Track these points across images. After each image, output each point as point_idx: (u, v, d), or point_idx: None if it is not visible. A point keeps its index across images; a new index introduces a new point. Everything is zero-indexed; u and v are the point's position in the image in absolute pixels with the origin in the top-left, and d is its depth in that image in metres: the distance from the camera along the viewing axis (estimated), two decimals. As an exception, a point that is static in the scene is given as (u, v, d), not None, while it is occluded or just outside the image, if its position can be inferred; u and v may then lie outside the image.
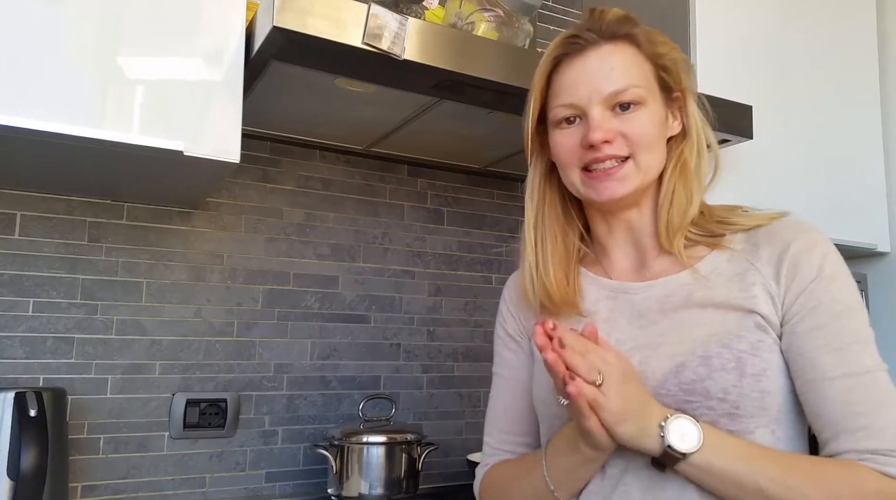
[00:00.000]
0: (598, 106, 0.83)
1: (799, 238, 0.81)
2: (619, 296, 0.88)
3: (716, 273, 0.83)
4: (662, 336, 0.82)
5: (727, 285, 0.81)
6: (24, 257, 1.28)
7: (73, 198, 1.33)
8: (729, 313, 0.80)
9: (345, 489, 1.36)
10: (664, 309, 0.84)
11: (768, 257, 0.81)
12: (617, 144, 0.83)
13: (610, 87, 0.82)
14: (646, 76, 0.85)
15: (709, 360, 0.77)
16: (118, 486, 1.31)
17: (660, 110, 0.85)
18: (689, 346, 0.79)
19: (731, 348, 0.77)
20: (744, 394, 0.76)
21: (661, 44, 0.87)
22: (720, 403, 0.76)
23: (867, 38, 1.86)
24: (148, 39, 1.04)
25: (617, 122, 0.83)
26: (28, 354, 1.27)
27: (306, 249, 1.53)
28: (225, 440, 1.41)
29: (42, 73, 0.96)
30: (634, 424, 0.73)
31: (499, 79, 1.15)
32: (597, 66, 0.84)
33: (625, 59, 0.84)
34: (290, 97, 1.26)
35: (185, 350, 1.39)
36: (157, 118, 1.03)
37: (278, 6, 0.98)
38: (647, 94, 0.84)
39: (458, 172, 1.72)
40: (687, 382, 0.77)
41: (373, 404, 1.48)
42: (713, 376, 0.76)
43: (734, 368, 0.76)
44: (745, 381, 0.76)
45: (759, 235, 0.83)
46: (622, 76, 0.83)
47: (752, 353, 0.77)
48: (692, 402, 0.76)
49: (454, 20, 1.29)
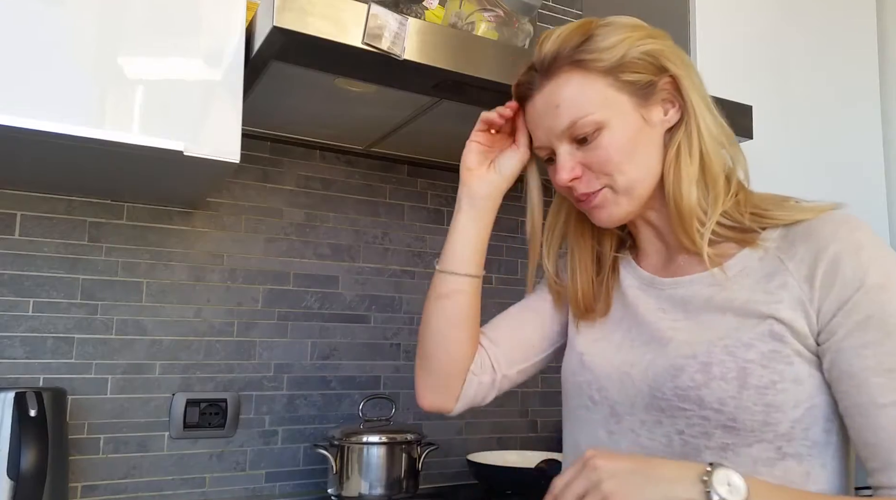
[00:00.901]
0: (559, 144, 0.82)
1: (842, 237, 0.73)
2: (648, 289, 0.87)
3: (744, 274, 0.78)
4: (675, 333, 0.80)
5: (752, 288, 0.76)
6: (24, 257, 1.28)
7: (74, 198, 1.33)
8: (746, 319, 0.75)
9: (345, 489, 1.36)
10: (687, 309, 0.81)
11: (803, 255, 0.74)
12: (586, 178, 0.82)
13: (560, 125, 0.81)
14: (599, 97, 0.79)
15: (709, 367, 0.74)
16: (118, 486, 1.31)
17: (628, 122, 0.80)
18: (693, 348, 0.76)
19: (735, 356, 0.73)
20: (742, 406, 0.71)
21: (611, 49, 0.79)
22: (715, 413, 0.72)
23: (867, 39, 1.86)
24: (148, 39, 1.04)
25: (581, 154, 0.82)
26: (28, 354, 1.27)
27: (306, 249, 1.53)
28: (225, 439, 1.41)
29: (42, 73, 0.96)
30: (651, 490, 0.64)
31: (499, 79, 1.15)
32: (544, 108, 0.83)
33: (568, 91, 0.80)
34: (290, 97, 1.26)
35: (185, 350, 1.39)
36: (157, 118, 1.03)
37: (278, 6, 0.98)
38: (605, 114, 0.79)
39: (458, 172, 1.71)
40: (682, 387, 0.75)
41: (373, 405, 1.48)
42: (710, 385, 0.73)
43: (735, 378, 0.72)
44: (745, 393, 0.71)
45: (798, 231, 0.76)
46: (568, 111, 0.80)
47: (760, 363, 0.72)
48: (686, 409, 0.75)
49: (454, 20, 1.28)
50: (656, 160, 0.82)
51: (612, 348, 0.86)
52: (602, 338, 0.88)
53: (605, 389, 0.84)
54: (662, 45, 0.82)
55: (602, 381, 0.84)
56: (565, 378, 0.91)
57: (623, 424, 0.81)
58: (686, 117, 0.81)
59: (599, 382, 0.84)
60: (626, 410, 0.81)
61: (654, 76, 0.81)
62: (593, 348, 0.88)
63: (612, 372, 0.84)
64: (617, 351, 0.85)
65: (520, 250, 1.77)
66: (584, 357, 0.88)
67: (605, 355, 0.86)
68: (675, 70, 0.81)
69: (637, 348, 0.83)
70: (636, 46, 0.80)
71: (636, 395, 0.80)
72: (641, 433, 0.79)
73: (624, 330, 0.87)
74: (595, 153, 0.80)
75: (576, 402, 0.88)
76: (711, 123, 0.82)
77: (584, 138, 0.80)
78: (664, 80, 0.81)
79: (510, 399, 1.03)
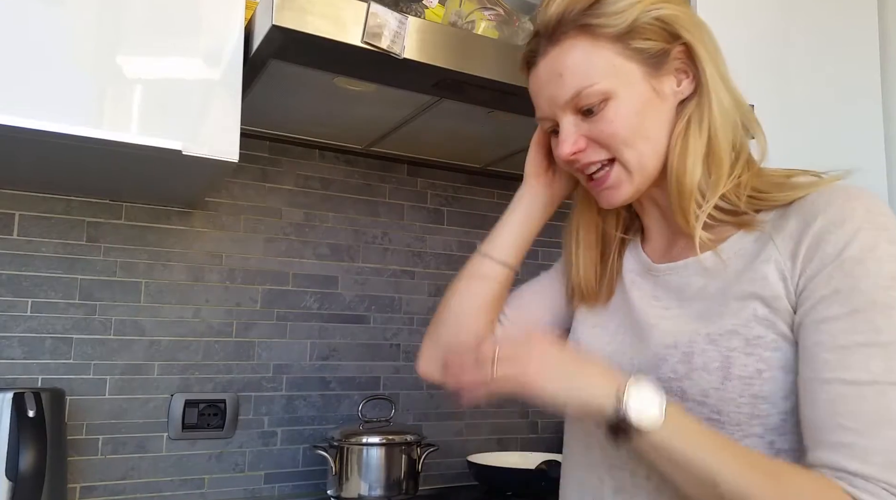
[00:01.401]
0: (563, 114, 0.77)
1: (832, 209, 0.67)
2: (645, 274, 0.84)
3: (738, 256, 0.73)
4: (659, 321, 0.77)
5: (743, 270, 0.71)
6: (22, 257, 1.28)
7: (72, 198, 1.33)
8: (730, 303, 0.70)
9: (344, 491, 1.36)
10: (680, 298, 0.77)
11: (791, 230, 0.69)
12: (590, 149, 0.77)
13: (564, 95, 0.75)
14: (606, 65, 0.74)
15: (691, 357, 0.70)
16: (117, 487, 1.31)
17: (638, 91, 0.75)
18: (675, 338, 0.73)
19: (718, 345, 0.69)
20: (727, 398, 0.68)
21: (619, 14, 0.73)
22: (698, 406, 0.69)
23: (869, 38, 1.86)
24: (147, 39, 1.03)
25: (586, 126, 0.76)
26: (26, 354, 1.26)
27: (305, 249, 1.53)
28: (224, 440, 1.41)
29: (41, 72, 0.96)
30: (568, 383, 0.66)
31: (499, 78, 1.15)
32: (548, 76, 0.77)
33: (573, 59, 0.75)
34: (289, 96, 1.26)
35: (184, 351, 1.39)
36: (156, 118, 1.02)
37: (277, 5, 0.97)
38: (613, 84, 0.74)
39: (458, 171, 1.71)
40: (664, 379, 0.72)
41: (372, 405, 1.48)
42: (692, 376, 0.70)
43: (718, 368, 0.68)
44: (729, 384, 0.68)
45: (794, 207, 0.71)
46: (572, 80, 0.75)
47: (744, 351, 0.68)
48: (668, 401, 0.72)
49: (454, 19, 1.28)
50: (665, 134, 0.77)
51: (607, 337, 0.84)
52: (599, 325, 0.86)
53: None
54: (677, 10, 0.76)
55: None
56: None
57: None
58: (699, 89, 0.76)
59: None
60: None
61: (666, 44, 0.75)
62: (590, 335, 0.86)
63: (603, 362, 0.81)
64: (610, 340, 0.83)
65: (520, 250, 1.76)
66: (580, 345, 0.86)
67: (599, 344, 0.84)
68: (690, 38, 0.75)
69: (626, 338, 0.81)
70: (648, 11, 0.74)
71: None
72: None
73: (620, 318, 0.84)
74: (601, 126, 0.75)
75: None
76: (725, 98, 0.77)
77: (590, 109, 0.75)
78: (677, 49, 0.76)
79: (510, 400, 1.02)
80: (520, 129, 1.39)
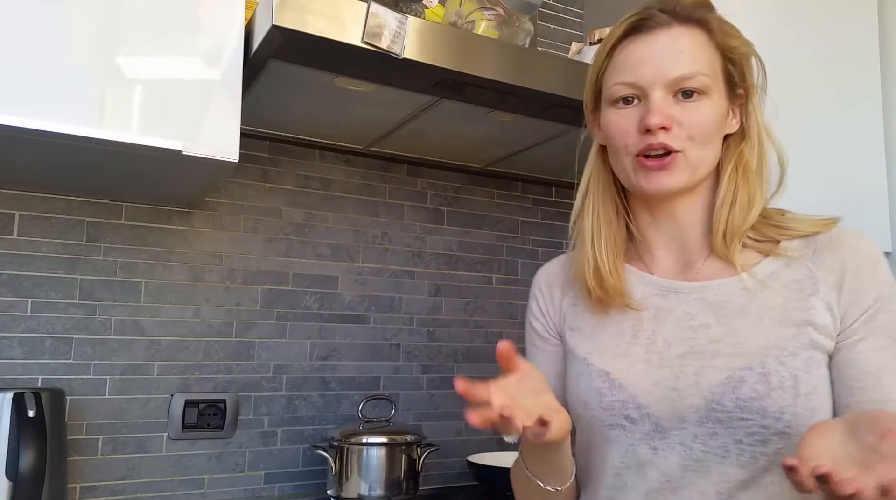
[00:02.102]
0: (660, 89, 0.79)
1: (863, 250, 0.80)
2: (668, 295, 0.84)
3: (773, 278, 0.81)
4: (716, 344, 0.79)
5: (784, 294, 0.79)
6: (22, 257, 1.28)
7: (72, 198, 1.33)
8: (786, 326, 0.78)
9: (344, 491, 1.36)
10: (718, 315, 0.81)
11: (831, 264, 0.79)
12: (674, 132, 0.79)
13: (677, 70, 0.79)
14: (713, 66, 0.81)
15: (768, 377, 0.75)
16: (117, 487, 1.31)
17: (721, 104, 0.82)
18: (747, 360, 0.77)
19: (787, 365, 0.75)
20: (797, 413, 0.74)
21: (734, 36, 0.83)
22: (775, 422, 0.74)
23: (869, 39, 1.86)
24: (147, 39, 1.03)
25: (677, 109, 0.79)
26: (26, 354, 1.26)
27: (305, 249, 1.53)
28: (224, 440, 1.41)
29: (41, 72, 0.95)
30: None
31: (499, 78, 1.15)
32: (666, 47, 0.80)
33: (695, 44, 0.80)
34: (289, 96, 1.26)
35: (184, 351, 1.39)
36: (156, 118, 1.02)
37: (277, 5, 0.97)
38: (712, 84, 0.80)
39: (458, 171, 1.71)
40: (745, 399, 0.75)
41: (372, 405, 1.48)
42: (771, 395, 0.74)
43: (791, 387, 0.75)
44: (799, 400, 0.74)
45: (820, 241, 0.81)
46: (690, 61, 0.79)
47: (805, 370, 0.75)
48: (747, 419, 0.75)
49: (454, 19, 1.28)
50: (719, 152, 0.84)
51: (640, 364, 0.82)
52: (621, 355, 0.84)
53: (646, 406, 0.80)
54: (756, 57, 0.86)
55: (640, 398, 0.81)
56: (587, 402, 0.84)
57: (670, 438, 0.79)
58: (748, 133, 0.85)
59: (637, 400, 0.81)
60: (674, 424, 0.79)
61: (741, 80, 0.84)
62: (619, 364, 0.84)
63: (651, 388, 0.80)
64: (647, 366, 0.82)
65: (520, 250, 1.76)
66: (610, 375, 0.83)
67: (634, 370, 0.82)
68: (754, 84, 0.85)
69: (673, 361, 0.80)
70: (747, 46, 0.84)
71: (687, 409, 0.78)
72: (694, 445, 0.78)
73: (644, 344, 0.83)
74: (696, 115, 0.79)
75: (607, 422, 0.83)
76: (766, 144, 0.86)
77: (690, 93, 0.79)
78: (740, 90, 0.84)
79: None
80: (520, 129, 1.40)
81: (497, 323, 1.72)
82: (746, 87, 0.84)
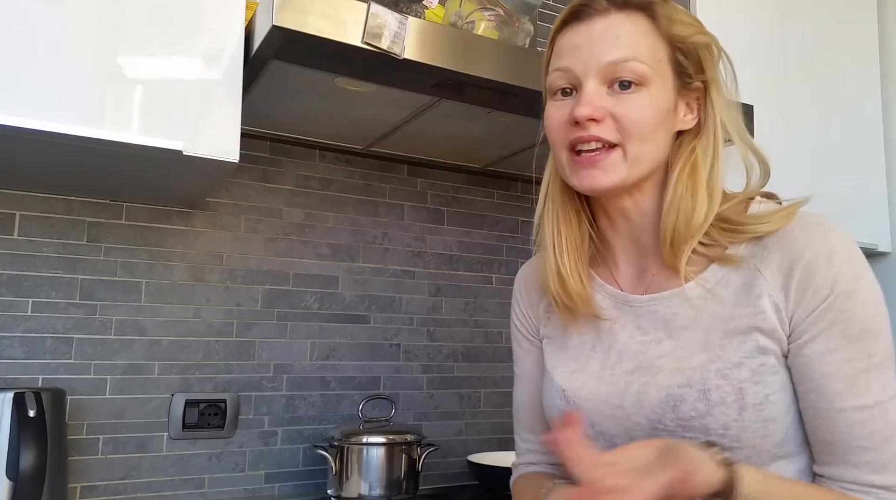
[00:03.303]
0: (593, 78, 0.75)
1: (815, 243, 0.72)
2: (623, 307, 0.83)
3: (722, 285, 0.76)
4: (662, 359, 0.78)
5: (733, 300, 0.75)
6: (23, 257, 1.28)
7: (73, 198, 1.33)
8: (732, 336, 0.74)
9: (344, 490, 1.36)
10: (669, 329, 0.78)
11: (779, 263, 0.73)
12: (605, 124, 0.75)
13: (610, 55, 0.74)
14: (656, 55, 0.76)
15: (707, 393, 0.72)
16: (117, 487, 1.31)
17: (665, 96, 0.76)
18: (687, 376, 0.74)
19: (730, 378, 0.72)
20: (745, 427, 0.72)
21: (686, 24, 0.77)
22: (720, 438, 0.72)
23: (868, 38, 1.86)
24: (147, 39, 1.03)
25: (611, 101, 0.75)
26: (27, 354, 1.27)
27: (306, 249, 1.53)
28: (224, 440, 1.41)
29: (42, 72, 0.96)
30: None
31: (499, 78, 1.15)
32: (601, 32, 0.76)
33: (635, 30, 0.76)
34: (289, 97, 1.26)
35: (185, 351, 1.39)
36: (157, 118, 1.03)
37: (277, 5, 0.98)
38: (652, 74, 0.75)
39: (458, 171, 1.71)
40: (685, 418, 0.73)
41: (372, 405, 1.48)
42: (713, 412, 0.72)
43: (734, 401, 0.72)
44: (745, 413, 0.71)
45: (773, 239, 0.75)
46: (626, 47, 0.74)
47: (752, 381, 0.72)
48: (689, 437, 0.73)
49: (454, 19, 1.28)
50: (664, 149, 0.78)
51: (593, 381, 0.82)
52: (578, 370, 0.84)
53: (598, 423, 0.81)
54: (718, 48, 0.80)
55: (592, 416, 0.81)
56: (550, 415, 0.86)
57: None
58: (704, 127, 0.79)
59: (590, 417, 0.81)
60: (624, 441, 0.78)
61: (696, 72, 0.78)
62: (573, 381, 0.84)
63: (600, 406, 0.80)
64: (599, 383, 0.81)
65: (520, 250, 1.76)
66: (566, 393, 0.83)
67: (587, 388, 0.82)
68: (714, 77, 0.79)
69: (620, 378, 0.80)
70: (701, 34, 0.78)
71: (633, 427, 0.78)
72: None
73: (600, 358, 0.83)
74: (630, 107, 0.75)
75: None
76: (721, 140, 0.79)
77: (627, 85, 0.74)
78: (697, 83, 0.79)
79: (510, 400, 1.02)
80: (520, 129, 1.40)
81: (497, 323, 1.72)
82: (705, 80, 0.79)
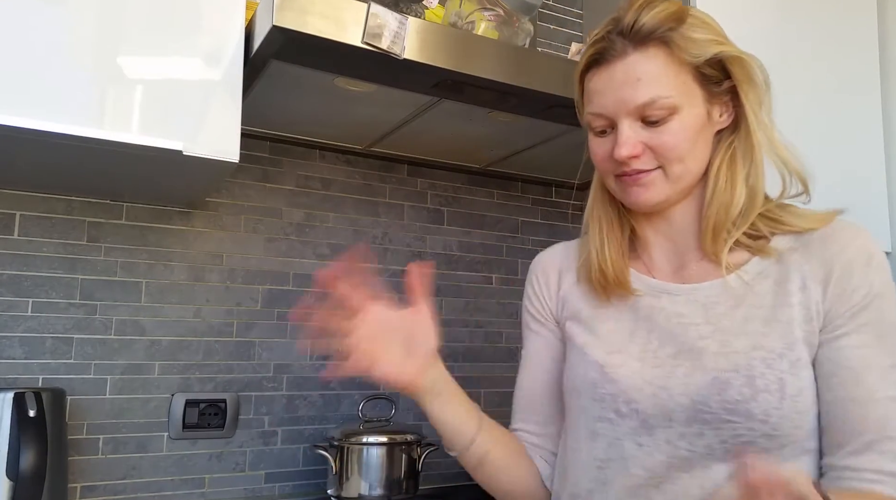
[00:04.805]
0: (626, 118, 0.80)
1: (857, 245, 0.79)
2: (661, 296, 0.86)
3: (762, 277, 0.81)
4: (704, 341, 0.80)
5: (773, 293, 0.79)
6: (23, 257, 1.28)
7: (73, 198, 1.33)
8: (772, 327, 0.78)
9: (344, 490, 1.36)
10: (708, 315, 0.82)
11: (820, 259, 0.79)
12: (645, 157, 0.81)
13: (636, 100, 0.79)
14: (679, 81, 0.80)
15: (753, 380, 0.75)
16: (117, 486, 1.31)
17: (697, 113, 0.81)
18: (733, 361, 0.77)
19: (773, 368, 0.76)
20: (784, 416, 0.75)
21: (700, 43, 0.80)
22: (761, 424, 0.75)
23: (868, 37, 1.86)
24: (147, 39, 1.03)
25: (646, 134, 0.80)
26: (27, 354, 1.27)
27: (306, 249, 1.53)
28: (224, 440, 1.41)
29: (42, 72, 0.96)
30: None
31: (499, 78, 1.15)
32: (623, 76, 0.80)
33: (653, 68, 0.79)
34: (289, 97, 1.26)
35: (185, 350, 1.39)
36: (157, 118, 1.03)
37: (278, 5, 0.98)
38: (680, 100, 0.80)
39: (458, 171, 1.71)
40: (731, 401, 0.75)
41: (372, 405, 1.48)
42: (757, 398, 0.75)
43: (777, 389, 0.75)
44: (785, 403, 0.75)
45: (814, 237, 0.81)
46: (648, 88, 0.79)
47: (791, 372, 0.76)
48: (733, 422, 0.75)
49: (454, 19, 1.28)
50: (706, 156, 0.84)
51: (635, 361, 0.84)
52: (619, 350, 0.86)
53: (636, 401, 0.82)
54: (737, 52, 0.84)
55: (631, 393, 0.82)
56: (580, 391, 0.87)
57: (656, 436, 0.80)
58: (741, 123, 0.84)
59: (627, 394, 0.82)
60: (661, 422, 0.80)
61: (723, 76, 0.83)
62: (614, 359, 0.85)
63: (642, 385, 0.82)
64: (642, 364, 0.83)
65: (520, 250, 1.76)
66: (605, 369, 0.85)
67: (629, 366, 0.84)
68: (743, 78, 0.83)
69: (665, 361, 0.82)
70: (717, 45, 0.82)
71: (675, 408, 0.79)
72: (680, 444, 0.78)
73: (641, 341, 0.85)
74: (664, 137, 0.80)
75: (596, 414, 0.85)
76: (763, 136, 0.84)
77: (655, 120, 0.80)
78: (727, 84, 0.83)
79: (510, 399, 1.02)
80: (520, 129, 1.40)
81: (497, 323, 1.72)
82: (734, 79, 0.83)
